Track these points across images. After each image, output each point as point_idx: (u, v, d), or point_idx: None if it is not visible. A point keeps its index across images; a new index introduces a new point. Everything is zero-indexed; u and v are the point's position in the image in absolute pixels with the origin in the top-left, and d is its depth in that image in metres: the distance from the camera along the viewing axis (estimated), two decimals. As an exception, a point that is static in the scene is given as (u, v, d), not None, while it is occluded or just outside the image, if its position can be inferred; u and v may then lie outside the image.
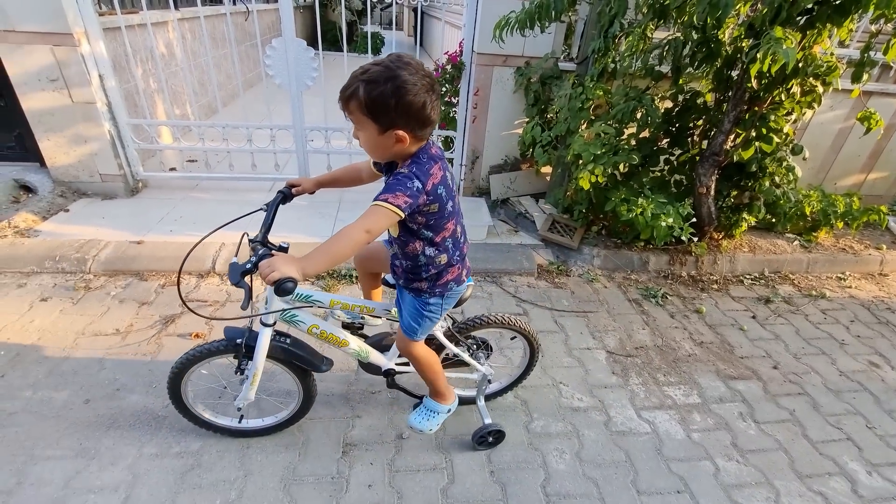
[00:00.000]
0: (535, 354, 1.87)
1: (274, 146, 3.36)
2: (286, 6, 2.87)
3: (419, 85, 1.06)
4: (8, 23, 2.62)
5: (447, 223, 1.27)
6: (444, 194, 1.20)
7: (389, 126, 1.10)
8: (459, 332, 1.70)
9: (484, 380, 1.82)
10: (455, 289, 1.43)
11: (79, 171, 3.12)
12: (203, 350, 1.48)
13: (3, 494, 1.52)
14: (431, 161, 1.17)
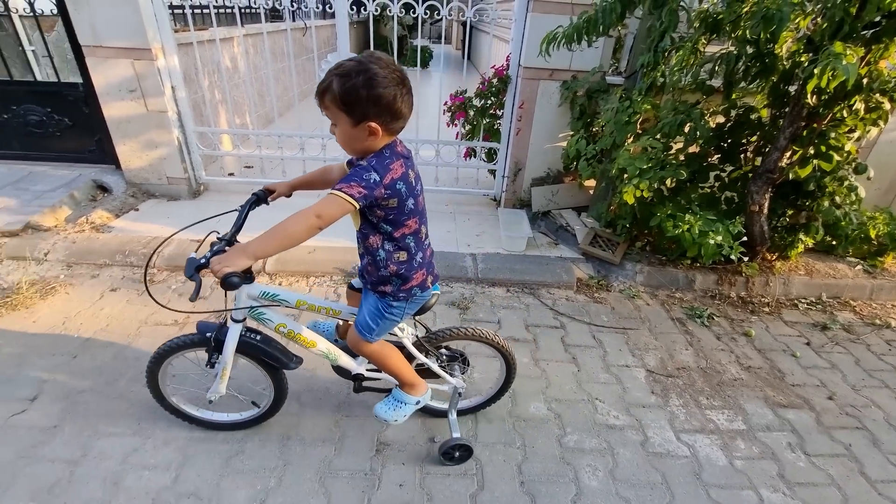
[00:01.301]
0: (512, 371, 1.81)
1: (324, 154, 3.52)
2: (342, 23, 3.03)
3: (389, 78, 1.11)
4: (97, 39, 2.92)
5: (407, 220, 1.29)
6: (403, 190, 1.22)
7: (362, 118, 1.14)
8: (429, 341, 1.68)
9: (455, 392, 1.79)
10: (419, 295, 1.43)
11: (149, 173, 3.40)
12: (177, 343, 1.56)
13: (71, 464, 1.67)
14: (394, 157, 1.21)
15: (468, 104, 3.41)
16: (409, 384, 1.62)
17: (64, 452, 1.71)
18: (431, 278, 1.45)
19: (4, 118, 3.44)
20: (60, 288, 2.54)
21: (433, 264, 1.48)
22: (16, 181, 3.34)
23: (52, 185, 3.32)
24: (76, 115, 3.41)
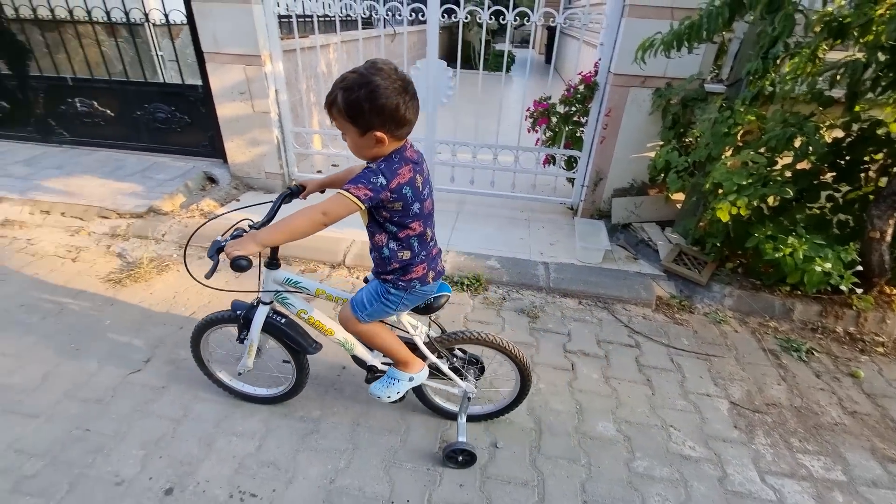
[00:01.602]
0: (527, 383, 1.76)
1: (406, 156, 3.65)
2: (433, 30, 3.13)
3: (391, 88, 1.15)
4: (217, 46, 3.27)
5: (412, 223, 1.33)
6: (409, 195, 1.26)
7: (367, 128, 1.19)
8: (442, 343, 1.68)
9: (465, 396, 1.80)
10: (419, 288, 1.45)
11: (250, 168, 3.74)
12: (213, 317, 1.75)
13: (174, 421, 1.89)
14: (402, 162, 1.25)
15: (551, 110, 3.36)
16: (403, 362, 1.64)
17: (169, 411, 1.94)
18: (433, 274, 1.47)
19: (137, 114, 3.97)
20: (173, 266, 2.88)
21: (437, 261, 1.50)
22: (143, 170, 3.84)
23: (171, 174, 3.77)
24: (194, 113, 3.84)
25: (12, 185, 3.50)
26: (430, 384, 1.81)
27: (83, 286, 2.68)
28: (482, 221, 3.50)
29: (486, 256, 3.00)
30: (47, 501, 1.59)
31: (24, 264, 2.86)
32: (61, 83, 3.96)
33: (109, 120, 4.06)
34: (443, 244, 3.13)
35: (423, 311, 1.56)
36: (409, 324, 1.65)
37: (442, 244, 3.10)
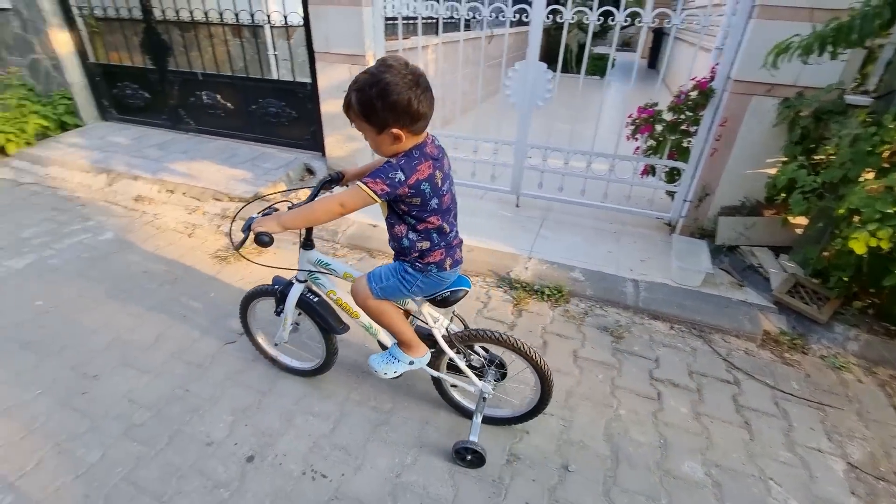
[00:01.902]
0: (547, 393, 1.70)
1: (494, 159, 3.62)
2: (535, 32, 3.06)
3: (402, 84, 1.17)
4: (327, 47, 3.47)
5: (431, 217, 1.36)
6: (427, 191, 1.29)
7: (383, 126, 1.22)
8: (461, 339, 1.66)
9: (480, 395, 1.76)
10: (435, 273, 1.46)
11: (345, 162, 3.93)
12: (256, 290, 1.94)
13: (260, 394, 2.02)
14: (422, 159, 1.27)
15: (657, 118, 3.13)
16: (407, 343, 1.62)
17: (257, 383, 2.08)
18: (451, 262, 1.47)
19: (252, 108, 4.34)
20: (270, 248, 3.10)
21: (457, 251, 1.50)
22: (253, 158, 4.19)
23: (275, 164, 4.07)
24: (301, 109, 4.12)
25: (146, 166, 4.00)
26: (447, 379, 1.81)
27: (194, 260, 2.98)
28: (568, 230, 3.36)
29: (569, 267, 2.88)
30: (150, 450, 1.77)
31: (149, 236, 3.25)
32: (192, 77, 4.45)
33: (229, 112, 4.49)
34: (525, 251, 3.07)
35: (441, 304, 1.56)
36: (430, 316, 1.66)
37: (524, 251, 3.05)
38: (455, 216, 1.48)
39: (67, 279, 2.76)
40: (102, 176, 3.98)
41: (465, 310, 2.56)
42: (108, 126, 4.97)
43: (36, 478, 1.66)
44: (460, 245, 1.53)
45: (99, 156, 4.23)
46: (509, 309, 2.61)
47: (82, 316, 2.46)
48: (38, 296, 2.61)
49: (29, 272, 2.82)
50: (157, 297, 2.60)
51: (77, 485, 1.65)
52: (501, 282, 2.82)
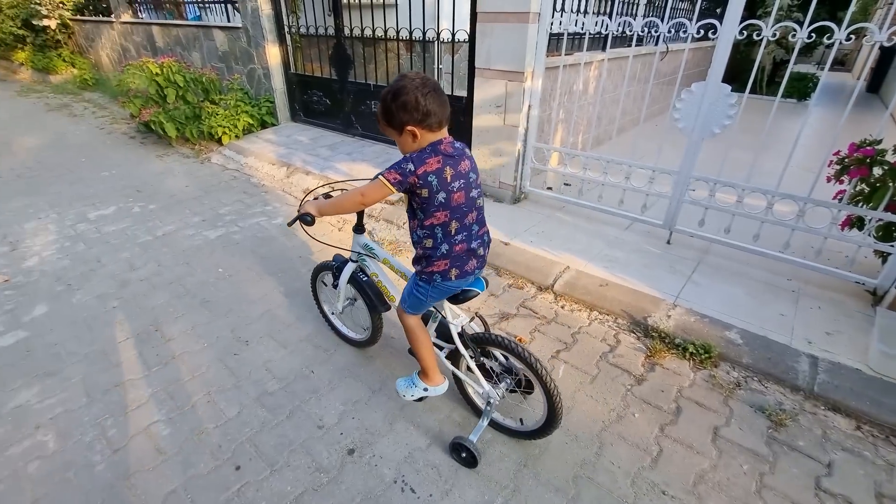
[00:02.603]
0: (555, 417, 1.66)
1: (649, 188, 3.27)
2: (723, 51, 2.66)
3: (409, 87, 1.36)
4: (487, 63, 3.52)
5: (436, 212, 1.45)
6: (434, 183, 1.40)
7: (401, 125, 1.40)
8: (473, 338, 1.73)
9: (487, 399, 1.80)
10: (440, 282, 1.56)
11: (488, 176, 3.95)
12: (320, 265, 2.26)
13: (371, 390, 2.10)
14: (433, 154, 1.40)
15: (877, 159, 2.48)
16: (425, 372, 1.79)
17: (371, 379, 2.17)
18: (456, 272, 1.55)
19: (412, 117, 4.64)
20: (405, 252, 3.25)
21: (467, 261, 1.56)
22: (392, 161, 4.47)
23: (423, 171, 4.29)
24: (454, 121, 4.25)
25: (317, 163, 4.56)
26: (462, 377, 1.86)
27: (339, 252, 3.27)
28: (728, 280, 2.86)
29: (725, 324, 2.43)
30: (274, 418, 1.97)
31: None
32: (366, 88, 4.95)
33: (391, 119, 4.87)
34: (669, 295, 2.69)
35: (452, 301, 1.66)
36: (451, 311, 1.73)
37: (668, 295, 2.67)
38: (474, 225, 1.54)
39: (243, 253, 3.26)
40: (283, 168, 4.65)
41: (587, 350, 2.34)
42: (295, 126, 5.82)
43: (188, 418, 1.96)
44: (472, 254, 1.57)
45: (284, 151, 4.97)
46: (640, 359, 2.30)
47: (248, 287, 2.88)
48: (221, 263, 3.13)
49: (218, 242, 3.41)
50: (304, 281, 2.92)
51: (215, 434, 1.90)
52: (635, 327, 2.51)
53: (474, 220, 1.54)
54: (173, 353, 2.33)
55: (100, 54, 9.71)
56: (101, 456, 1.80)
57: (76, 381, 2.15)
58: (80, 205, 4.03)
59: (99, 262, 3.13)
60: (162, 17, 7.69)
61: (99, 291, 2.82)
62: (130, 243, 3.39)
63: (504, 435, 1.89)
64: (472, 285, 1.63)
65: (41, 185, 4.47)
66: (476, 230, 1.56)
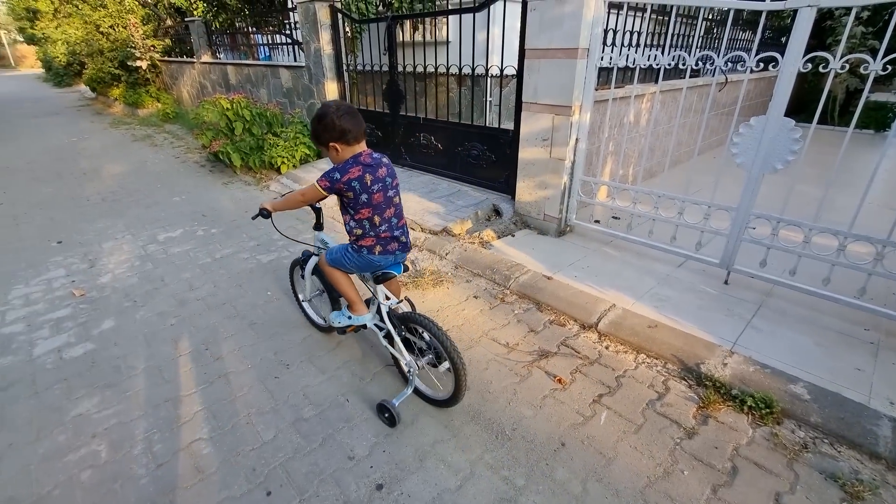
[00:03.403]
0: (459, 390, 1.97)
1: (704, 224, 3.10)
2: (784, 85, 2.53)
3: (328, 112, 1.81)
4: (534, 97, 3.55)
5: (362, 209, 1.89)
6: (357, 187, 1.83)
7: (326, 142, 1.86)
8: (397, 315, 2.11)
9: (408, 368, 2.10)
10: (366, 254, 1.98)
11: (532, 208, 3.91)
12: (296, 260, 2.63)
13: (402, 424, 2.07)
14: (355, 164, 1.83)
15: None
16: (351, 303, 2.21)
17: (402, 412, 2.14)
18: (380, 249, 1.98)
19: (458, 150, 4.73)
20: (446, 282, 3.25)
21: (390, 243, 2.00)
22: (450, 195, 4.54)
23: (467, 202, 4.32)
24: (500, 154, 4.31)
25: (367, 192, 4.72)
26: (389, 348, 2.19)
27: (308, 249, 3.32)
28: (794, 326, 2.63)
29: (790, 377, 2.21)
30: (307, 445, 1.98)
31: (355, 252, 3.79)
32: (416, 122, 5.11)
33: (438, 151, 5.00)
34: (726, 341, 2.50)
35: (375, 281, 2.07)
36: (384, 294, 2.13)
37: (725, 341, 2.48)
38: (393, 218, 1.98)
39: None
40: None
41: (633, 396, 2.20)
42: (349, 156, 6.09)
43: (227, 439, 2.02)
44: (394, 240, 2.01)
45: (336, 180, 5.20)
46: (691, 410, 2.13)
47: (292, 311, 2.97)
48: (270, 287, 3.27)
49: (269, 267, 3.57)
50: (346, 308, 2.98)
51: (250, 457, 1.94)
52: (687, 373, 2.34)
53: (393, 215, 1.99)
54: (220, 372, 2.43)
55: (181, 90, 10.73)
56: (146, 470, 1.89)
57: (131, 395, 2.28)
58: (152, 227, 4.39)
59: (163, 282, 3.36)
60: (237, 57, 8.42)
61: (160, 309, 3.02)
62: (192, 264, 3.62)
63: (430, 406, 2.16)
64: (392, 268, 2.06)
65: (121, 209, 4.91)
66: (395, 222, 2.01)
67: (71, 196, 5.35)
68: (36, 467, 1.91)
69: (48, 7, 14.45)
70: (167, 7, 10.60)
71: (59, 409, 2.20)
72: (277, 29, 6.98)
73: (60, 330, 2.80)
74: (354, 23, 5.77)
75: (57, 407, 2.21)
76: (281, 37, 6.98)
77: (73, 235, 4.21)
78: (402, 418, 2.08)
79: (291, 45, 6.62)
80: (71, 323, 2.87)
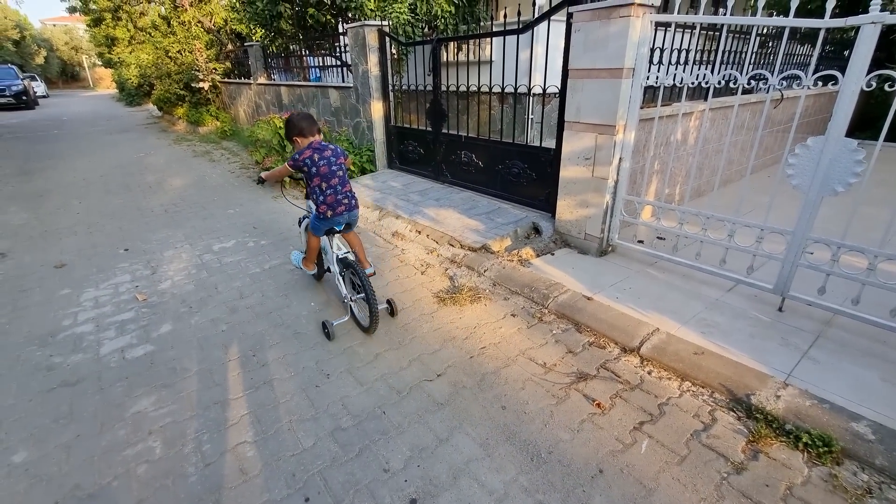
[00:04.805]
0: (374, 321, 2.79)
1: (757, 247, 2.97)
2: (845, 105, 2.41)
3: (292, 117, 2.85)
4: (577, 116, 3.54)
5: (314, 178, 2.79)
6: (309, 163, 2.75)
7: (290, 137, 2.88)
8: (342, 263, 2.99)
9: (346, 299, 2.97)
10: (323, 217, 2.87)
11: (572, 227, 3.87)
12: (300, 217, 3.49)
13: (438, 440, 2.08)
14: (308, 149, 2.76)
15: None
16: (307, 260, 3.32)
17: (439, 428, 2.16)
18: (331, 213, 2.85)
19: (499, 167, 4.77)
20: (484, 299, 3.26)
21: (335, 206, 2.85)
22: (489, 212, 4.56)
23: (507, 219, 4.33)
24: (541, 172, 4.30)
25: (407, 208, 4.82)
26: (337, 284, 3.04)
27: (420, 295, 3.38)
28: (857, 359, 2.45)
29: (851, 414, 2.06)
30: (344, 454, 2.03)
31: (393, 267, 3.87)
32: (457, 139, 5.20)
33: (479, 169, 5.05)
34: (780, 372, 2.37)
35: (327, 234, 3.03)
36: (338, 245, 3.08)
37: (778, 371, 2.37)
38: (338, 185, 2.83)
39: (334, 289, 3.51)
40: (376, 212, 4.99)
41: (676, 425, 2.12)
42: (391, 172, 6.26)
43: (269, 443, 2.10)
44: (338, 204, 2.86)
45: (378, 196, 5.35)
46: (740, 444, 2.02)
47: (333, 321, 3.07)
48: (314, 298, 3.39)
49: (313, 278, 3.71)
50: (384, 322, 3.04)
51: (291, 462, 2.00)
52: (735, 404, 2.23)
53: (338, 183, 2.83)
54: (265, 379, 2.53)
55: (238, 109, 11.42)
56: (195, 468, 1.99)
57: (185, 395, 2.42)
58: (208, 238, 4.67)
59: (216, 289, 3.56)
60: (289, 78, 8.89)
61: (213, 315, 3.19)
62: (243, 274, 3.82)
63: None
64: (338, 226, 2.97)
65: (181, 220, 5.26)
66: (340, 189, 2.84)
67: (137, 207, 5.78)
68: (98, 458, 2.05)
69: (125, 35, 15.84)
70: (229, 33, 11.38)
71: (120, 406, 2.36)
72: (328, 52, 7.34)
73: (124, 332, 3.02)
74: (401, 45, 5.98)
75: (118, 403, 2.38)
76: (331, 59, 7.33)
77: (138, 244, 4.54)
78: (336, 336, 2.89)
79: (340, 67, 6.93)
80: (133, 325, 3.09)
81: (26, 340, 2.94)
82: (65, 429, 2.23)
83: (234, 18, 9.99)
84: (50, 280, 3.79)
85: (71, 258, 4.22)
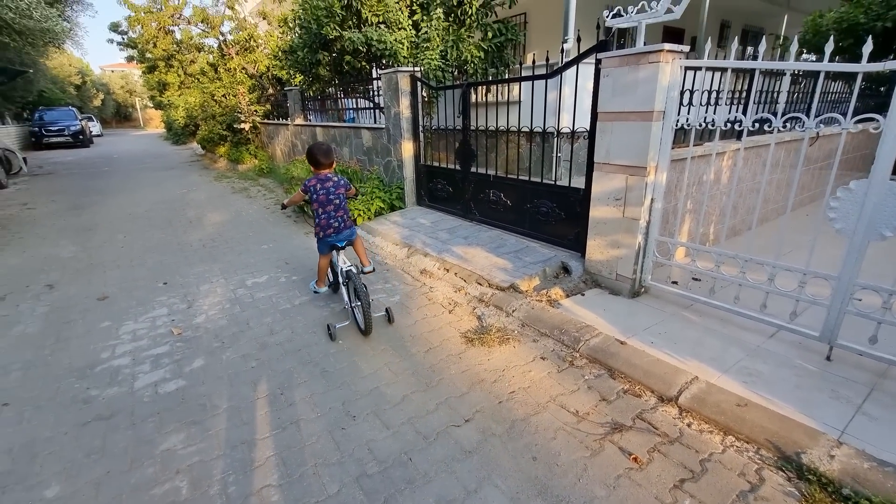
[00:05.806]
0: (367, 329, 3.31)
1: (799, 292, 2.84)
2: (890, 149, 2.34)
3: (313, 149, 3.44)
4: (607, 158, 3.55)
5: (314, 204, 3.41)
6: (312, 191, 3.39)
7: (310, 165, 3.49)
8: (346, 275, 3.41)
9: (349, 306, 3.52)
10: (321, 237, 3.51)
11: (603, 267, 3.81)
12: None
13: (466, 492, 2.01)
14: (314, 179, 3.42)
15: None
16: (318, 281, 3.95)
17: (467, 477, 2.08)
18: (322, 234, 3.48)
19: (527, 206, 4.78)
20: (512, 340, 3.20)
21: (327, 228, 3.46)
22: (517, 251, 4.55)
23: (535, 258, 4.30)
24: (570, 211, 4.29)
25: (435, 246, 4.86)
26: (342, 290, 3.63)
27: (448, 335, 3.35)
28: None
29: (918, 481, 1.89)
30: (370, 503, 1.98)
31: (421, 305, 3.87)
32: (486, 179, 5.27)
33: (506, 208, 5.08)
34: (832, 428, 2.22)
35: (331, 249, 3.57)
36: (343, 260, 3.52)
37: (830, 428, 2.21)
38: (332, 211, 3.42)
39: (361, 327, 3.53)
40: (405, 249, 5.05)
41: (720, 484, 1.98)
42: (420, 210, 6.36)
43: (294, 488, 2.07)
44: (329, 228, 3.45)
45: (407, 233, 5.42)
46: (793, 509, 1.87)
47: (362, 361, 3.06)
48: (342, 336, 3.41)
49: (342, 316, 3.74)
50: (413, 360, 3.01)
51: (315, 509, 1.96)
52: (785, 463, 2.07)
53: (332, 209, 3.41)
54: (292, 419, 2.53)
55: (275, 148, 11.97)
56: (220, 511, 1.97)
57: (213, 433, 2.44)
58: (242, 272, 4.80)
59: (248, 325, 3.63)
60: (325, 120, 9.30)
61: (244, 351, 3.24)
62: (273, 309, 3.89)
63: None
64: (339, 243, 3.49)
65: (217, 254, 5.45)
66: (333, 214, 3.42)
67: (178, 241, 6.03)
68: (126, 497, 2.07)
69: (175, 80, 17.04)
70: (270, 78, 12.10)
71: (150, 442, 2.39)
72: (362, 95, 7.67)
73: (159, 366, 3.10)
74: (432, 90, 6.20)
75: (149, 440, 2.41)
76: (365, 101, 7.65)
77: (176, 277, 4.71)
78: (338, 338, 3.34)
79: (373, 109, 7.22)
80: (168, 360, 3.17)
81: (66, 372, 3.05)
82: (96, 464, 2.26)
83: (275, 65, 10.65)
84: (92, 312, 3.95)
85: (113, 290, 4.41)
